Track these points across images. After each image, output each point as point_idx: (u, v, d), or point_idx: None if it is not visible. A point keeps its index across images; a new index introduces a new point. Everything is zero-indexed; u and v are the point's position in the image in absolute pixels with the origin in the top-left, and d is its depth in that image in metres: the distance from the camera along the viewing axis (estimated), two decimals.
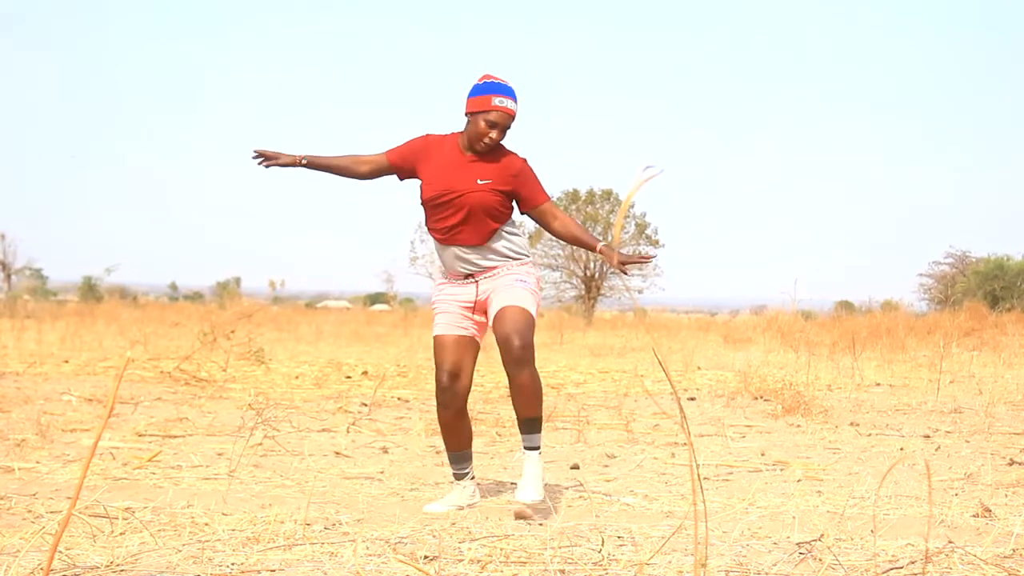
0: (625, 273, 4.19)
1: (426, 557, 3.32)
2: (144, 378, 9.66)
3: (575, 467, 5.35)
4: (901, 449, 5.98)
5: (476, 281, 4.25)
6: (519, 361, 4.08)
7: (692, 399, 8.65)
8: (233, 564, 3.20)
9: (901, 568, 3.22)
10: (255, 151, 4.28)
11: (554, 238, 4.67)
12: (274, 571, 3.14)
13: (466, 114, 4.21)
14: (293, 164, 4.28)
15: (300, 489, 4.63)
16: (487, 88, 4.17)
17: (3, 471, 4.92)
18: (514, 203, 4.29)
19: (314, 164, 4.32)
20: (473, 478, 4.42)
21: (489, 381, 9.80)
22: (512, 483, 4.93)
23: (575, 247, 29.39)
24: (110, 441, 5.86)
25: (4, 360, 10.88)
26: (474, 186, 4.16)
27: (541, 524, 3.92)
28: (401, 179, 4.37)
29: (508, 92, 4.18)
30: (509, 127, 4.20)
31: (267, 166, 4.26)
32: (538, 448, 4.19)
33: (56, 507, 4.10)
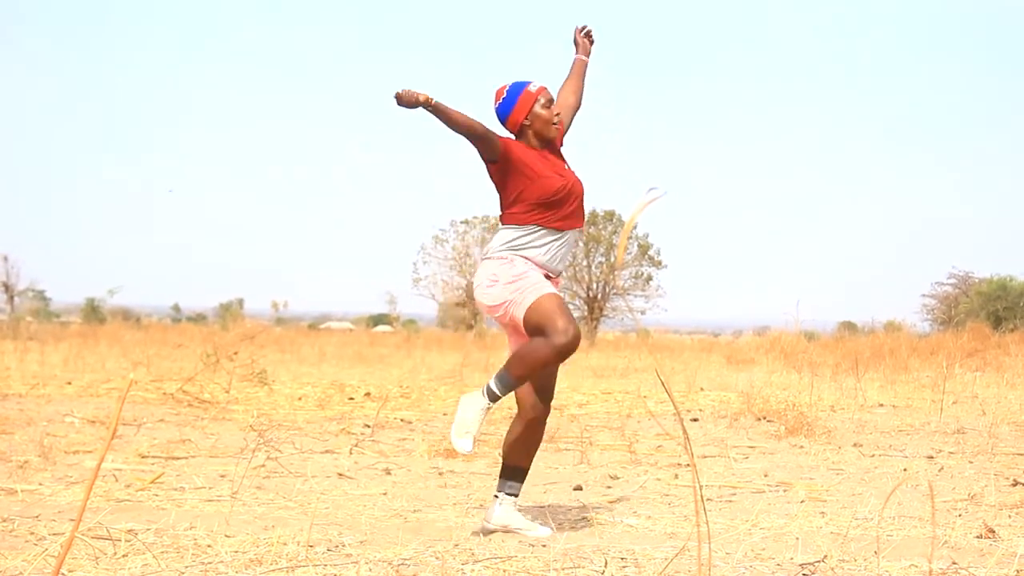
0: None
1: None
2: (147, 400, 9.66)
3: (578, 488, 5.35)
4: (904, 470, 5.97)
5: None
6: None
7: (695, 420, 8.64)
8: None
9: None
10: (397, 94, 3.97)
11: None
12: None
13: (522, 120, 4.20)
14: (419, 104, 3.96)
15: (303, 511, 4.63)
16: (516, 88, 4.24)
17: (6, 493, 4.92)
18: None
19: (437, 109, 3.98)
20: None
21: None
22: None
23: (577, 268, 29.70)
24: (113, 463, 5.86)
25: (7, 382, 10.88)
26: (574, 175, 4.26)
27: (544, 545, 3.92)
28: (486, 160, 4.17)
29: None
30: None
31: (402, 103, 3.96)
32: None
33: (59, 529, 4.10)
